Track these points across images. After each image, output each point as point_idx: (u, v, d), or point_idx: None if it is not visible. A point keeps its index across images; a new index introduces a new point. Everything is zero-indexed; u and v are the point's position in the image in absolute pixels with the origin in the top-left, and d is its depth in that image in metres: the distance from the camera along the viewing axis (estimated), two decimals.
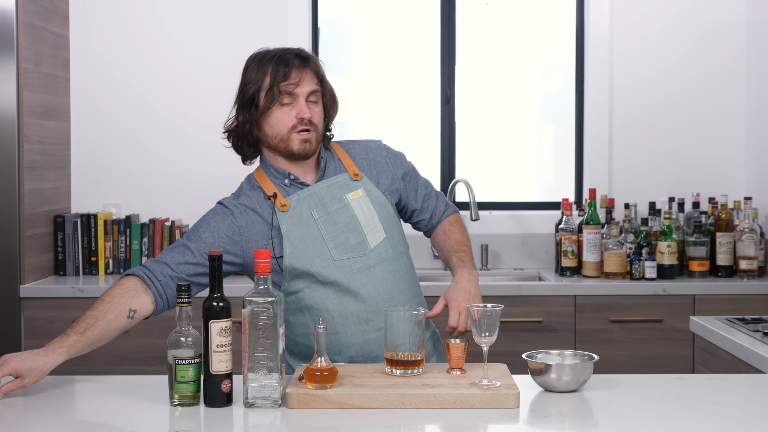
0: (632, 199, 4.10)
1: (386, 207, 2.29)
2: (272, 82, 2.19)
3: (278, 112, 2.21)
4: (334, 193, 2.25)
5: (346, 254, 2.21)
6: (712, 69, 4.14)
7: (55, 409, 1.89)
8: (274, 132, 2.23)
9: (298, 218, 2.22)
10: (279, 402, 1.87)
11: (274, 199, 2.24)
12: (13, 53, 3.50)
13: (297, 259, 2.19)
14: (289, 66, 2.20)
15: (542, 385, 1.99)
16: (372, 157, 2.35)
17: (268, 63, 2.22)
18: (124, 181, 4.10)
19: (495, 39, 4.30)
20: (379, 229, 2.25)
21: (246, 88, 2.25)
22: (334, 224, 2.22)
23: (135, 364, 3.55)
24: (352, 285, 2.19)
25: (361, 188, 2.28)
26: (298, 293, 2.21)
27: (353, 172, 2.29)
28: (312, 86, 2.22)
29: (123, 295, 2.12)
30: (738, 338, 2.51)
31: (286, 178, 2.27)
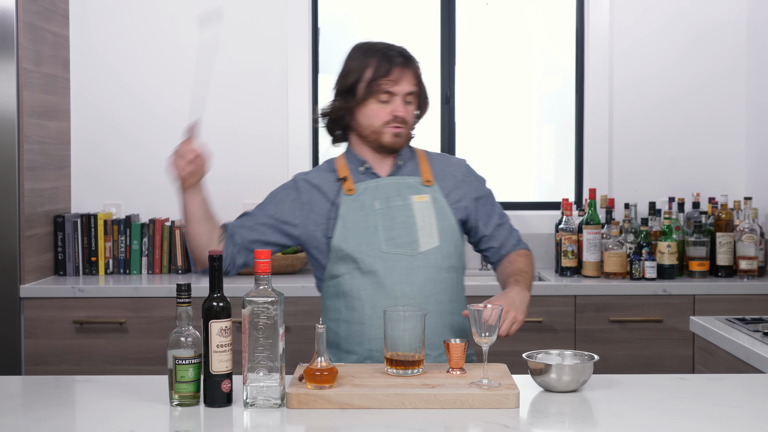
0: (632, 199, 4.09)
1: (449, 219, 2.31)
2: (373, 76, 2.25)
3: (374, 105, 2.27)
4: (401, 190, 2.31)
5: (394, 249, 2.25)
6: (712, 69, 4.14)
7: (55, 409, 1.89)
8: (367, 123, 2.29)
9: (359, 204, 2.28)
10: (279, 402, 1.87)
11: (343, 182, 2.31)
12: (13, 53, 3.50)
13: (345, 242, 2.25)
14: (392, 63, 2.26)
15: (542, 385, 1.99)
16: (450, 170, 2.39)
17: (372, 55, 2.28)
18: (124, 181, 4.10)
19: (495, 39, 4.30)
20: (434, 236, 2.28)
21: (346, 77, 2.30)
22: (392, 219, 2.27)
23: (135, 364, 3.55)
24: (389, 280, 2.24)
25: (428, 194, 2.32)
26: (338, 278, 2.28)
27: (426, 178, 2.34)
28: (410, 87, 2.28)
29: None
30: (738, 338, 2.51)
31: (361, 165, 2.33)
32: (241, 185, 4.10)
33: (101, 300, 3.56)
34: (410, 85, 2.28)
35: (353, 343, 2.27)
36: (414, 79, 2.30)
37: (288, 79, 4.10)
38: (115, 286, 3.60)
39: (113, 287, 3.60)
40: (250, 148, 4.11)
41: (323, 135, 4.47)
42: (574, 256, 3.80)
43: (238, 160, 4.12)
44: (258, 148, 4.11)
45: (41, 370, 3.53)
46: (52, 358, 3.54)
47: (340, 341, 2.31)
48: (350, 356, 2.29)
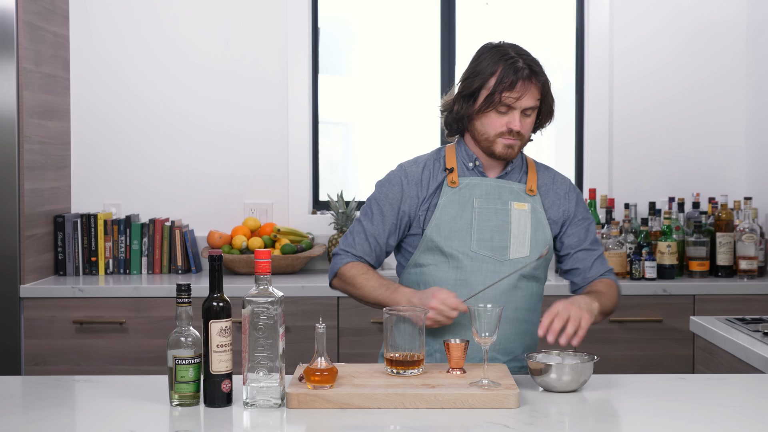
0: (632, 199, 4.09)
1: (544, 231, 2.31)
2: (496, 87, 2.21)
3: (492, 116, 2.25)
4: (503, 194, 2.30)
5: (483, 250, 2.26)
6: (711, 68, 4.14)
7: (55, 409, 1.89)
8: (483, 130, 2.27)
9: (459, 198, 2.28)
10: (279, 402, 1.87)
11: (449, 173, 2.30)
12: (13, 53, 3.50)
13: (438, 233, 2.26)
14: (517, 75, 2.21)
15: (542, 385, 1.99)
16: (554, 186, 2.37)
17: (499, 63, 2.24)
18: (124, 181, 4.10)
19: (495, 39, 4.29)
20: (526, 245, 2.28)
21: (471, 80, 2.27)
22: (488, 220, 2.27)
23: (135, 364, 3.55)
24: (473, 278, 2.24)
25: (529, 203, 2.31)
26: (423, 267, 2.28)
27: (530, 187, 2.33)
28: (531, 102, 2.25)
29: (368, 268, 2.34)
30: (738, 338, 2.51)
31: (471, 162, 2.32)
32: (241, 185, 4.11)
33: (101, 300, 3.56)
34: (532, 100, 2.24)
35: (428, 335, 2.26)
36: (538, 93, 2.26)
37: (288, 79, 4.10)
38: (115, 286, 3.60)
39: (113, 287, 3.60)
40: (250, 148, 4.11)
41: (323, 135, 4.48)
42: None
43: (238, 160, 4.12)
44: (258, 148, 4.11)
45: (41, 370, 3.53)
46: (52, 358, 3.54)
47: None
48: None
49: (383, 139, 4.24)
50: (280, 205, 4.12)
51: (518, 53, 2.26)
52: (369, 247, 2.32)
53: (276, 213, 4.11)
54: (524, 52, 2.29)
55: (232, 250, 3.89)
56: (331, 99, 4.27)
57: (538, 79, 2.25)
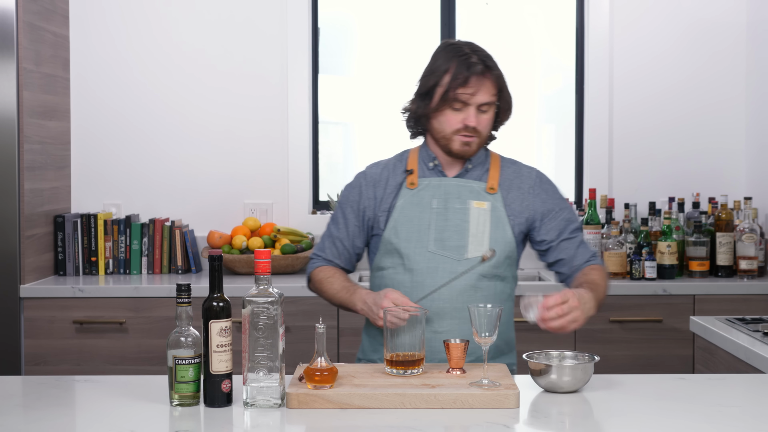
0: (632, 199, 4.09)
1: (504, 229, 2.30)
2: (449, 84, 2.22)
3: (448, 113, 2.26)
4: (462, 194, 2.30)
5: (440, 251, 2.26)
6: (712, 68, 4.14)
7: (55, 409, 1.89)
8: (440, 128, 2.28)
9: (417, 200, 2.30)
10: (279, 402, 1.87)
11: (408, 174, 2.32)
12: (13, 53, 3.50)
13: (395, 235, 2.28)
14: (470, 71, 2.22)
15: (543, 386, 1.99)
16: (517, 182, 2.36)
17: (453, 60, 2.24)
18: (124, 181, 4.10)
19: (495, 39, 4.30)
20: (485, 244, 2.27)
21: (427, 79, 2.28)
22: (446, 220, 2.28)
23: (135, 364, 3.55)
24: (429, 280, 2.25)
25: (489, 202, 2.31)
26: (383, 270, 2.31)
27: (491, 185, 2.32)
28: (486, 98, 2.25)
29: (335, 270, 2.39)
30: (738, 338, 2.51)
31: (431, 161, 2.34)
32: (241, 185, 4.11)
33: (101, 300, 3.56)
34: (487, 96, 2.25)
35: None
36: (493, 89, 2.26)
37: (288, 79, 4.10)
38: (115, 286, 3.60)
39: (113, 287, 3.60)
40: (250, 148, 4.11)
41: (323, 135, 4.49)
42: None
43: (238, 160, 4.12)
44: (258, 148, 4.11)
45: (41, 370, 3.53)
46: (52, 358, 3.54)
47: (377, 332, 2.34)
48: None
49: (383, 139, 4.24)
50: (280, 205, 4.12)
51: (472, 50, 2.27)
52: (337, 251, 2.38)
53: (276, 213, 4.11)
54: (479, 48, 2.30)
55: (232, 250, 3.89)
56: (331, 99, 4.27)
57: (492, 74, 2.26)
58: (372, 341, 2.37)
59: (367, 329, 2.40)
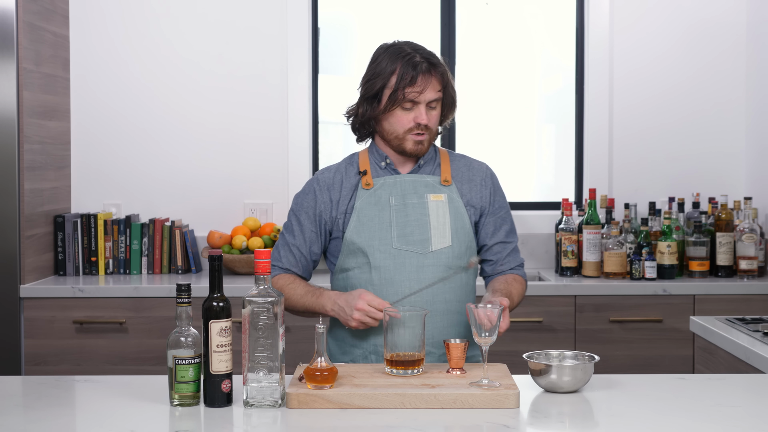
0: (632, 199, 4.09)
1: (463, 219, 2.32)
2: (398, 85, 2.24)
3: (398, 113, 2.28)
4: (418, 188, 2.32)
5: (405, 246, 2.27)
6: (712, 69, 4.14)
7: (55, 409, 1.89)
8: (391, 129, 2.30)
9: (375, 199, 2.31)
10: (279, 402, 1.87)
11: (363, 175, 2.33)
12: (13, 53, 3.50)
13: (358, 235, 2.28)
14: (416, 70, 2.24)
15: (543, 386, 1.99)
16: (470, 173, 2.39)
17: (397, 61, 2.26)
18: (124, 181, 4.10)
19: (495, 39, 4.30)
20: (447, 235, 2.29)
21: (373, 82, 2.29)
22: (406, 216, 2.29)
23: (135, 364, 3.55)
24: (397, 276, 2.26)
25: (445, 194, 2.33)
26: (348, 271, 2.31)
27: (444, 178, 2.35)
28: (434, 94, 2.28)
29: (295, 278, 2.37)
30: (738, 338, 2.51)
31: (383, 161, 2.35)
32: (241, 185, 4.11)
33: (101, 300, 3.56)
34: (434, 92, 2.27)
35: (358, 337, 2.29)
36: (439, 84, 2.29)
37: (288, 79, 4.10)
38: (115, 286, 3.60)
39: (113, 287, 3.60)
40: (250, 147, 4.11)
41: (323, 135, 4.49)
42: (574, 256, 3.80)
43: (238, 160, 4.12)
44: (258, 148, 4.11)
45: (41, 370, 3.53)
46: (52, 358, 3.54)
47: (346, 335, 2.33)
48: (355, 350, 2.31)
49: None
50: (280, 205, 4.12)
51: (414, 49, 2.29)
52: (294, 259, 2.36)
53: (276, 213, 4.11)
54: (419, 47, 2.32)
55: (232, 250, 3.89)
56: (331, 99, 4.27)
57: (437, 70, 2.28)
58: (340, 344, 2.35)
59: (333, 332, 2.38)
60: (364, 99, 2.32)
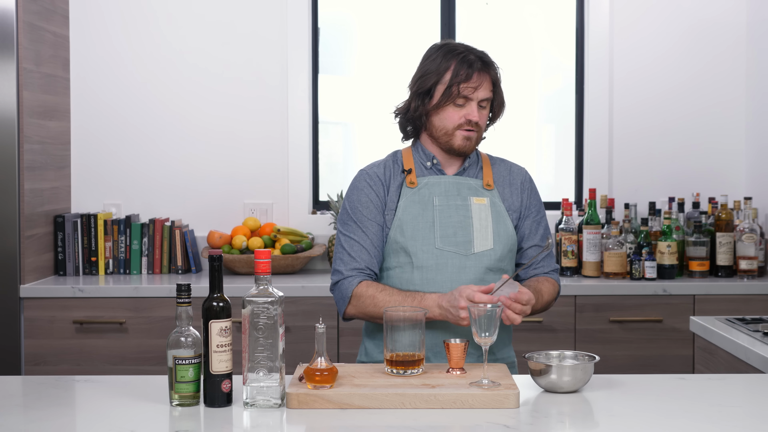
0: (632, 199, 4.09)
1: (505, 223, 2.33)
2: (452, 81, 2.26)
3: (450, 109, 2.29)
4: (462, 191, 2.33)
5: (448, 246, 2.28)
6: (712, 69, 4.14)
7: (55, 409, 1.89)
8: (441, 125, 2.30)
9: (419, 198, 2.31)
10: (279, 402, 1.87)
11: (408, 174, 2.33)
12: (13, 53, 3.50)
13: (401, 234, 2.28)
14: (472, 68, 2.27)
15: (543, 386, 1.99)
16: (510, 177, 2.40)
17: (452, 58, 2.28)
18: (124, 181, 4.10)
19: (495, 39, 4.30)
20: (489, 238, 2.30)
21: (425, 78, 2.31)
22: (449, 217, 2.30)
23: (135, 364, 3.55)
24: (439, 276, 2.26)
25: (488, 197, 2.34)
26: (388, 270, 2.31)
27: (487, 182, 2.36)
28: (487, 93, 2.30)
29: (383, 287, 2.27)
30: (738, 338, 2.51)
31: (429, 160, 2.36)
32: (241, 185, 4.11)
33: (101, 300, 3.56)
34: (487, 91, 2.29)
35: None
36: (491, 85, 2.30)
37: (288, 79, 4.10)
38: (115, 286, 3.60)
39: (113, 287, 3.60)
40: (250, 147, 4.11)
41: (323, 135, 4.48)
42: (574, 256, 3.80)
43: (238, 159, 4.12)
44: (258, 148, 4.11)
45: (41, 370, 3.53)
46: (52, 358, 3.54)
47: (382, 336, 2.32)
48: None
49: (383, 139, 4.23)
50: (280, 205, 4.12)
51: (467, 48, 2.32)
52: (370, 256, 2.29)
53: (276, 213, 4.11)
54: (472, 47, 2.34)
55: (232, 250, 3.89)
56: (331, 99, 4.27)
57: (490, 69, 2.31)
58: (379, 342, 2.34)
59: (370, 333, 2.38)
60: (416, 95, 2.33)
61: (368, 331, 2.40)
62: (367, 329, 2.40)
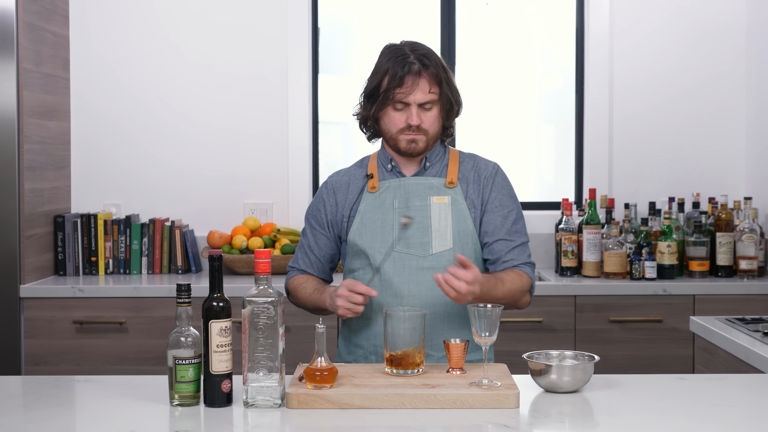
0: (632, 199, 4.09)
1: (466, 222, 2.31)
2: (388, 85, 2.25)
3: (391, 113, 2.29)
4: (421, 191, 2.32)
5: (406, 249, 2.28)
6: (712, 69, 4.14)
7: (55, 409, 1.89)
8: (386, 129, 2.32)
9: (379, 202, 2.32)
10: (279, 402, 1.87)
11: (369, 179, 2.35)
12: (13, 53, 3.50)
13: (360, 237, 2.30)
14: (404, 71, 2.23)
15: (543, 386, 1.99)
16: (475, 174, 2.36)
17: (391, 60, 2.27)
18: (124, 181, 4.10)
19: (495, 39, 4.30)
20: (448, 238, 2.28)
21: (371, 80, 2.31)
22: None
23: (135, 364, 3.55)
24: (396, 279, 2.26)
25: (449, 196, 2.32)
26: (354, 272, 2.33)
27: (450, 180, 2.34)
28: (424, 96, 2.26)
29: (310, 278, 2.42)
30: (738, 338, 2.51)
31: (389, 163, 2.36)
32: (241, 185, 4.11)
33: (101, 300, 3.56)
34: (423, 93, 2.25)
35: (361, 337, 2.31)
36: (430, 85, 2.25)
37: (288, 79, 4.10)
38: (115, 286, 3.60)
39: (113, 287, 3.60)
40: (250, 147, 4.11)
41: (323, 135, 4.49)
42: (574, 256, 3.80)
43: (238, 159, 4.12)
44: (258, 148, 4.11)
45: (41, 370, 3.53)
46: (52, 358, 3.54)
47: (351, 334, 2.36)
48: (358, 350, 2.33)
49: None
50: (280, 205, 4.12)
51: (412, 49, 2.27)
52: (309, 261, 2.41)
53: (276, 213, 4.11)
54: (419, 47, 2.29)
55: (232, 250, 3.89)
56: (331, 99, 4.27)
57: (428, 71, 2.25)
58: (347, 344, 2.37)
59: (343, 332, 2.41)
60: (364, 96, 2.33)
61: (342, 331, 2.43)
62: (342, 329, 2.42)
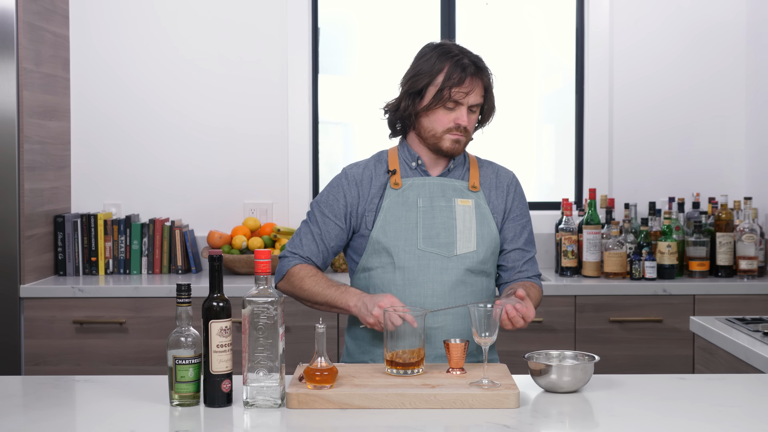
0: (632, 199, 4.10)
1: (489, 225, 2.32)
2: (444, 84, 2.25)
3: (439, 112, 2.28)
4: (446, 192, 2.33)
5: (430, 248, 2.27)
6: (712, 68, 4.14)
7: (55, 409, 1.89)
8: (430, 127, 2.30)
9: (403, 199, 2.31)
10: (279, 402, 1.87)
11: (392, 174, 2.33)
12: (13, 53, 3.50)
13: (384, 234, 2.28)
14: (465, 72, 2.25)
15: (543, 386, 1.99)
16: (497, 180, 2.39)
17: (446, 60, 2.26)
18: (124, 181, 4.10)
19: (495, 39, 4.30)
20: (472, 240, 2.29)
21: (417, 78, 2.29)
22: (433, 218, 2.29)
23: (135, 364, 3.55)
24: (421, 277, 2.26)
25: (473, 199, 2.33)
26: (370, 271, 2.31)
27: (473, 184, 2.35)
28: (477, 98, 2.29)
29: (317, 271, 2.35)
30: (738, 338, 2.51)
31: (414, 161, 2.35)
32: (241, 185, 4.11)
33: (101, 300, 3.56)
34: (478, 96, 2.28)
35: (378, 338, 2.29)
36: (482, 90, 2.29)
37: (288, 79, 4.10)
38: (115, 286, 3.60)
39: (113, 287, 3.60)
40: (250, 148, 4.11)
41: (323, 135, 4.48)
42: (574, 256, 3.80)
43: (238, 159, 4.12)
44: (258, 148, 4.11)
45: (41, 370, 3.53)
46: (52, 358, 3.54)
47: (365, 335, 2.33)
48: (375, 349, 2.31)
49: (383, 139, 4.24)
50: (280, 205, 4.12)
51: (462, 51, 2.30)
52: (317, 248, 2.34)
53: (276, 213, 4.11)
54: (467, 50, 2.32)
55: (232, 250, 3.89)
56: (331, 99, 4.27)
57: (483, 75, 2.29)
58: (360, 343, 2.36)
59: (351, 332, 2.39)
60: (407, 94, 2.31)
61: (350, 331, 2.40)
62: (349, 329, 2.40)
